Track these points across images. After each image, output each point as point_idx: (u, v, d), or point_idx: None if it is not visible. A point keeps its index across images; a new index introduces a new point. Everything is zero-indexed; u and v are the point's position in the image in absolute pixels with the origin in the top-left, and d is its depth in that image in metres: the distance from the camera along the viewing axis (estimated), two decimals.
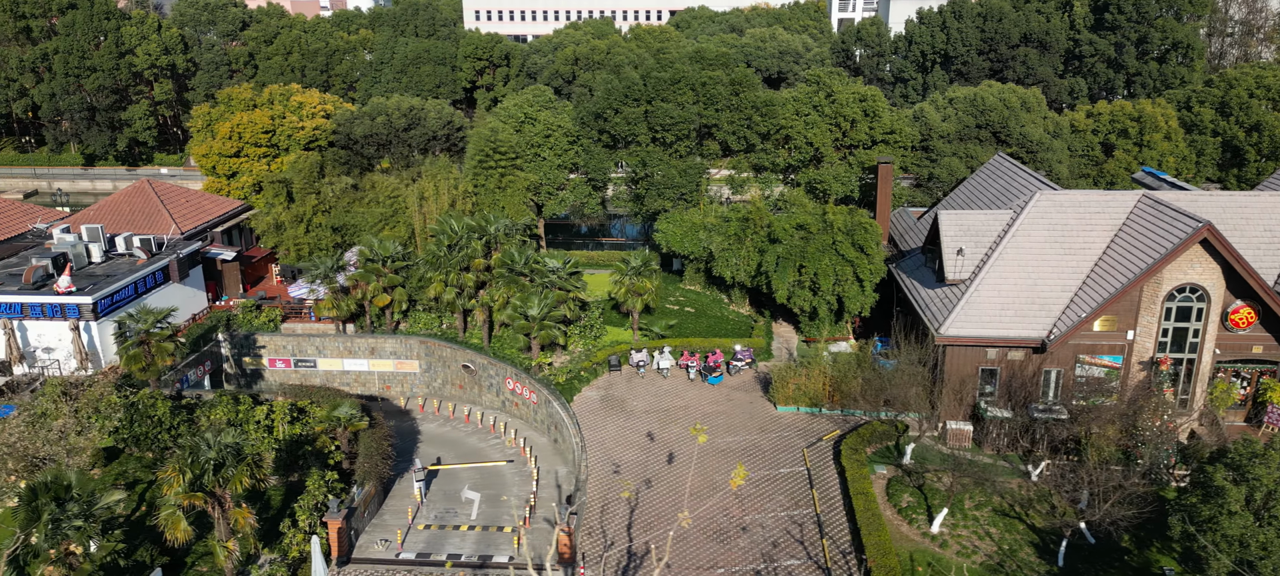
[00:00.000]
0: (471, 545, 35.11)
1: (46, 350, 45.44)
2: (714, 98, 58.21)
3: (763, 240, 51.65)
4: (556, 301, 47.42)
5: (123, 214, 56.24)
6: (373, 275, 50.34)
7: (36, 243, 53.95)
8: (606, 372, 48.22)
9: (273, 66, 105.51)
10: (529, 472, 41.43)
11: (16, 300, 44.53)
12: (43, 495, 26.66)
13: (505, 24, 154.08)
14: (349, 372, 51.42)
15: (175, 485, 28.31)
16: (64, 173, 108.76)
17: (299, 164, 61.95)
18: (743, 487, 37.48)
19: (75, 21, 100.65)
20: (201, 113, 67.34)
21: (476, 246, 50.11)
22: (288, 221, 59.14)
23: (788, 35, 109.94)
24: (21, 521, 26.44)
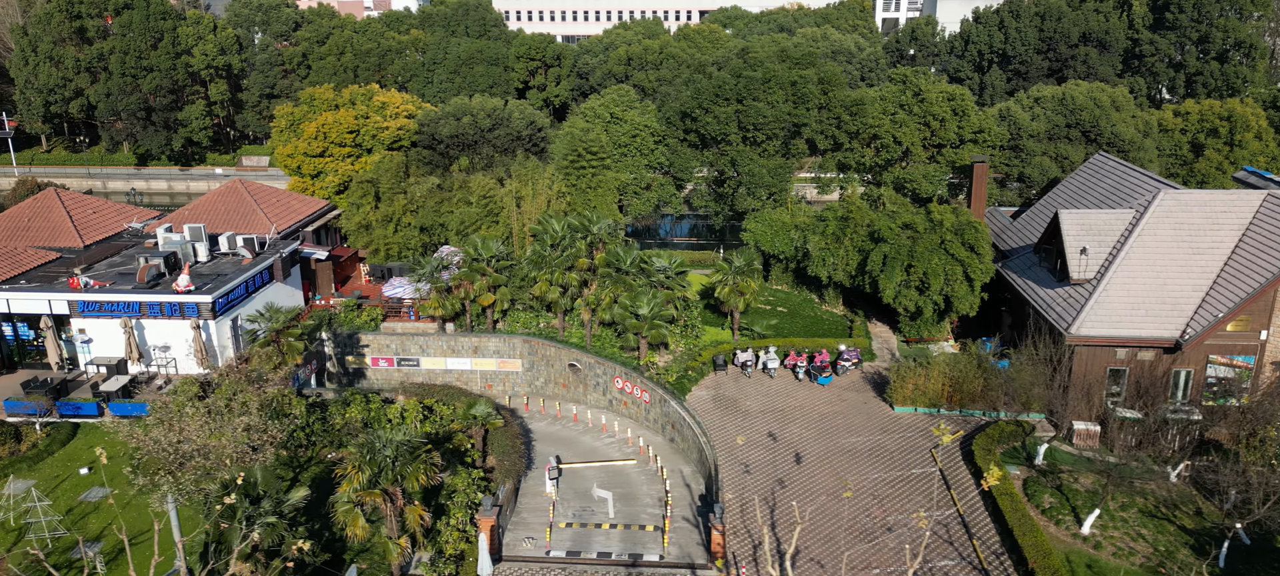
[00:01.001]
0: (618, 543, 35.09)
1: (163, 349, 45.64)
2: (805, 96, 58.13)
3: (864, 239, 51.52)
4: (665, 300, 47.41)
5: (218, 213, 56.44)
6: (477, 274, 50.41)
7: (135, 242, 54.23)
8: (711, 372, 48.17)
9: (326, 67, 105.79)
10: (654, 471, 41.39)
11: (135, 299, 44.72)
12: (236, 492, 26.74)
13: (532, 24, 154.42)
14: (451, 371, 51.48)
15: (354, 481, 28.37)
16: (118, 172, 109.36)
17: (385, 164, 62.12)
18: (879, 488, 37.44)
19: (132, 21, 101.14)
20: (284, 112, 67.56)
21: (581, 246, 50.16)
22: (375, 221, 59.31)
23: (839, 34, 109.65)
24: (217, 517, 26.51)
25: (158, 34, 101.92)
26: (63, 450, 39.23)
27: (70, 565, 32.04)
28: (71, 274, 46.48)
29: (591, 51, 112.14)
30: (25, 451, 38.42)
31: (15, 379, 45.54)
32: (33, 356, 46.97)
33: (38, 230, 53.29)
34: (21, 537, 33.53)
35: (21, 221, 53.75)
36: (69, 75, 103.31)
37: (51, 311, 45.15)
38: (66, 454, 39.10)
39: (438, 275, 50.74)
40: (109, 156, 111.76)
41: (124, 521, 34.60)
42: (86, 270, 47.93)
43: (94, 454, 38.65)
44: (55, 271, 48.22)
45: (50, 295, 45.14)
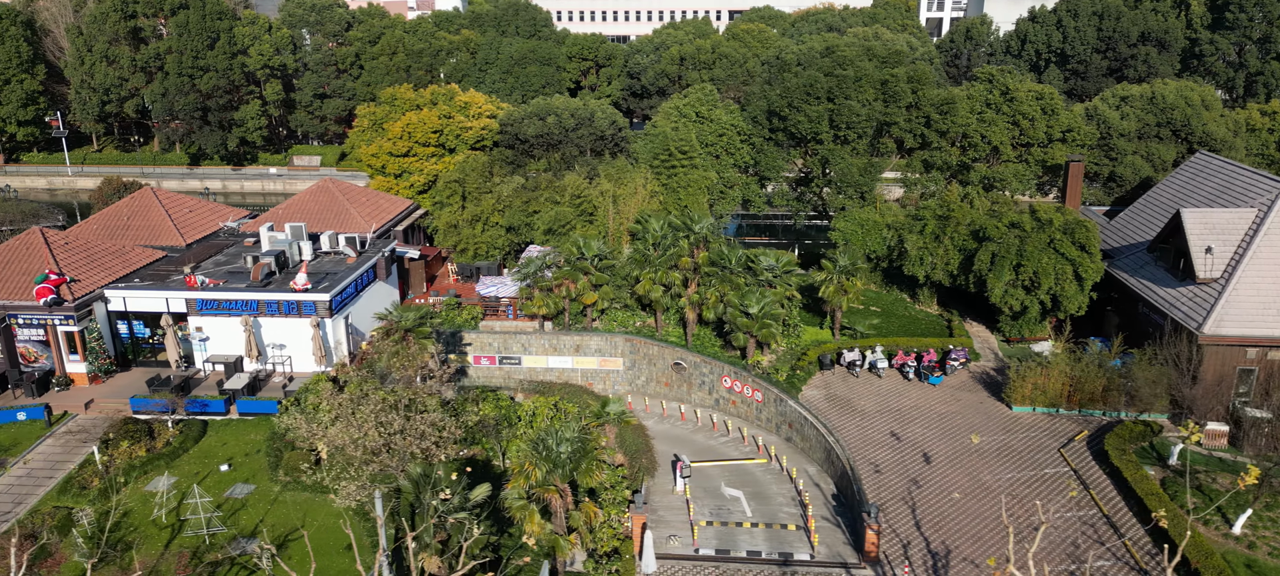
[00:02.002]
0: (765, 542, 35.08)
1: (278, 347, 45.85)
2: (896, 95, 58.02)
3: (966, 238, 51.39)
4: (776, 299, 47.39)
5: (311, 212, 56.64)
6: (580, 272, 50.47)
7: (233, 241, 54.50)
8: (818, 372, 48.14)
9: (379, 67, 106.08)
10: (778, 470, 41.36)
11: (253, 297, 44.95)
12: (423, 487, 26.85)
13: (576, 24, 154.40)
14: (552, 369, 51.55)
15: (532, 477, 28.43)
16: (171, 172, 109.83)
17: (470, 164, 62.30)
18: (1016, 488, 37.36)
19: (188, 21, 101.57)
20: (366, 112, 67.74)
21: (684, 245, 50.17)
22: (462, 221, 59.46)
23: (890, 34, 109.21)
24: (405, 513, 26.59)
25: (214, 34, 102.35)
26: (197, 447, 39.45)
27: (232, 562, 32.21)
28: (187, 272, 46.76)
29: (642, 51, 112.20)
30: (161, 448, 38.65)
31: (129, 377, 45.83)
32: (145, 354, 47.25)
33: (138, 229, 53.60)
34: (176, 534, 33.71)
35: (121, 220, 54.08)
36: (125, 74, 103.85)
37: (169, 309, 45.40)
38: (201, 450, 39.32)
39: (541, 274, 50.82)
40: (161, 156, 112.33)
41: (273, 519, 34.87)
42: (194, 269, 48.21)
43: (229, 451, 39.06)
44: (164, 270, 48.51)
45: (167, 293, 45.41)
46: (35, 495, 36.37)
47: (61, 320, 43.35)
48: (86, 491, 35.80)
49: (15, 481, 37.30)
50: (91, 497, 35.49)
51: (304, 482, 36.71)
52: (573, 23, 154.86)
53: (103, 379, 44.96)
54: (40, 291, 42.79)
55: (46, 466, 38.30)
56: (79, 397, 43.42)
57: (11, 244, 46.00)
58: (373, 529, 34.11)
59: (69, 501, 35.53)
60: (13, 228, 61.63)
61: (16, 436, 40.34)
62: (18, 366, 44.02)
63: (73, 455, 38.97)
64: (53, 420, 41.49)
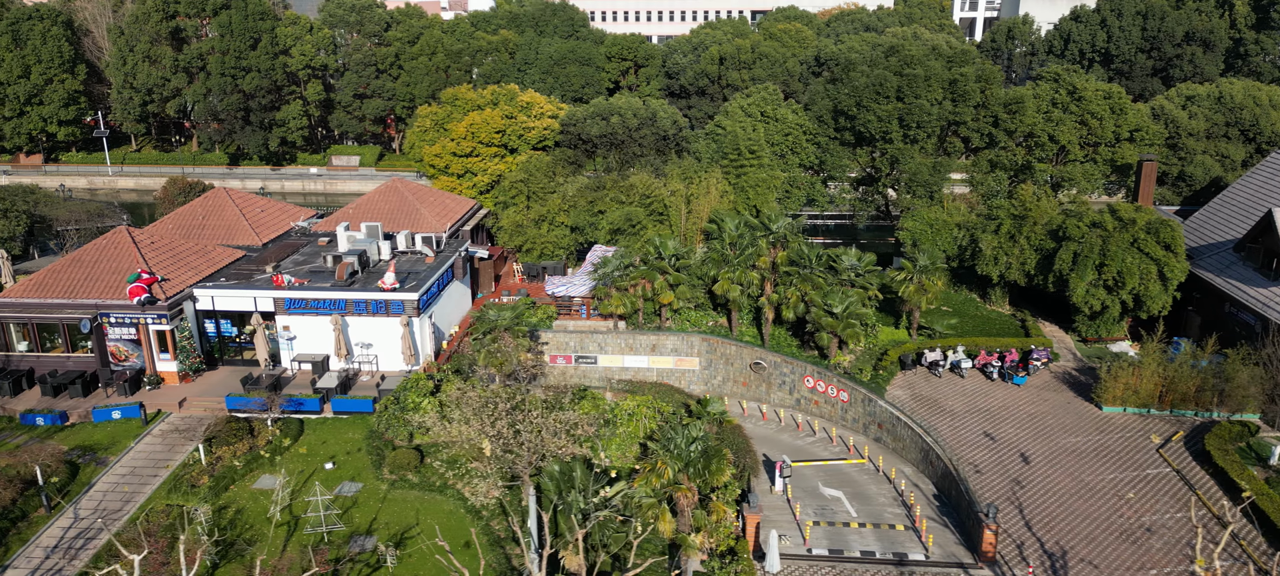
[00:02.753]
0: (876, 542, 35.06)
1: (365, 346, 45.98)
2: (965, 94, 57.96)
3: (1043, 238, 51.29)
4: (859, 299, 47.37)
5: (382, 212, 56.79)
6: (657, 272, 50.52)
7: (306, 240, 54.67)
8: (899, 371, 48.09)
9: (418, 67, 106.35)
10: (872, 470, 41.34)
11: (342, 297, 45.08)
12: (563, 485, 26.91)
13: (608, 24, 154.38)
14: (628, 368, 51.61)
15: (664, 476, 28.48)
16: (211, 172, 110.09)
17: (534, 163, 62.41)
18: (1119, 488, 37.28)
19: (231, 22, 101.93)
20: (428, 112, 67.90)
21: (763, 244, 50.19)
22: (527, 221, 59.56)
23: (929, 34, 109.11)
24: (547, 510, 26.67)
25: (256, 34, 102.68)
26: (296, 445, 39.57)
27: (352, 560, 32.31)
28: (273, 272, 46.93)
29: (679, 51, 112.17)
30: (262, 447, 38.79)
31: (217, 375, 46.01)
32: (230, 353, 47.44)
33: (213, 228, 53.82)
34: (292, 532, 33.82)
35: (196, 219, 54.31)
36: (167, 75, 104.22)
37: (257, 309, 45.58)
38: (301, 448, 39.41)
39: (619, 273, 50.86)
40: (201, 156, 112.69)
41: (385, 517, 34.95)
42: (276, 268, 48.36)
43: (330, 449, 39.19)
44: (246, 269, 48.69)
45: (255, 292, 45.59)
46: (143, 493, 36.53)
47: (154, 319, 43.54)
48: (196, 489, 35.95)
49: (121, 479, 37.48)
50: (202, 495, 35.65)
51: (410, 481, 36.80)
52: (615, 23, 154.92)
53: (192, 377, 45.16)
54: (133, 290, 42.99)
55: (150, 464, 38.47)
56: (170, 396, 43.60)
57: (99, 243, 46.23)
58: (488, 526, 34.20)
59: (179, 499, 35.68)
60: (78, 227, 61.94)
61: (114, 434, 40.50)
62: (109, 365, 44.22)
63: (174, 453, 39.13)
64: (149, 418, 41.64)
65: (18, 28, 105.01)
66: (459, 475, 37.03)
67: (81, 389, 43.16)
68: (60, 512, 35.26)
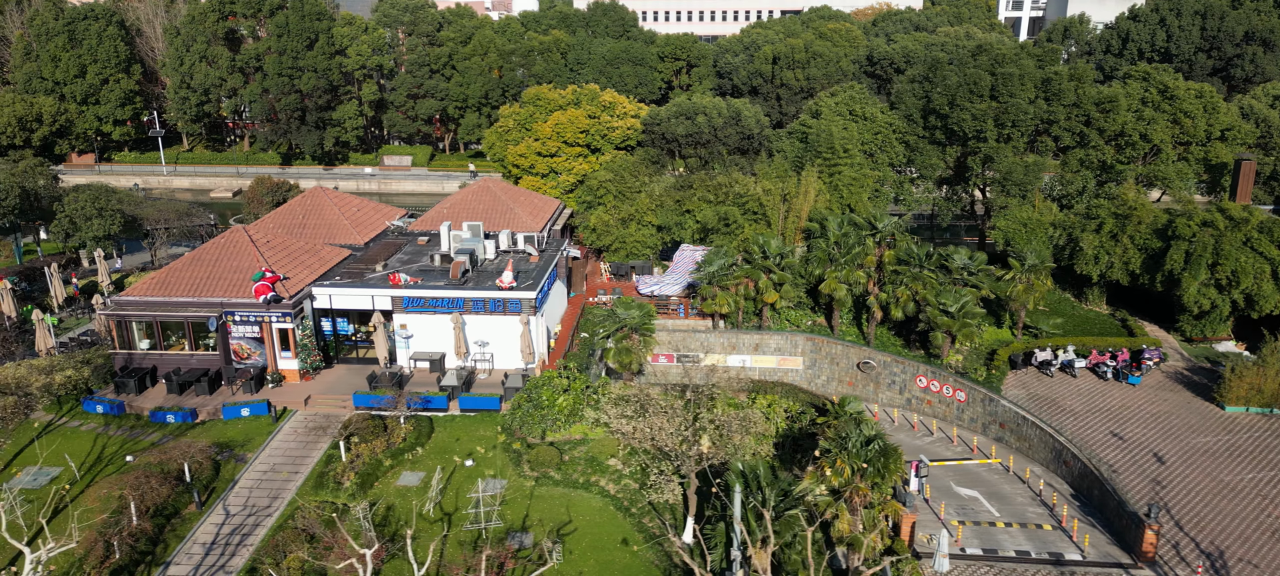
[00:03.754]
0: (1028, 542, 34.99)
1: (481, 344, 46.09)
2: (1059, 93, 57.82)
3: (1148, 237, 51.14)
4: (973, 298, 47.31)
5: (476, 211, 56.88)
6: (761, 272, 50.55)
7: (406, 239, 54.83)
8: (1009, 371, 48.00)
9: (472, 67, 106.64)
10: (1001, 470, 41.27)
11: (460, 295, 45.21)
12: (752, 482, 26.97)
13: (655, 24, 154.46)
14: (731, 367, 51.59)
15: (843, 475, 28.51)
16: (266, 171, 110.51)
17: (617, 163, 62.47)
18: (1263, 488, 37.16)
19: (288, 22, 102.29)
20: (510, 112, 68.01)
21: (870, 243, 50.18)
22: (613, 221, 59.63)
23: (981, 33, 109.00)
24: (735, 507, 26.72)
25: (313, 35, 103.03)
26: (430, 442, 39.71)
27: (514, 556, 32.39)
28: (391, 271, 47.11)
29: (731, 50, 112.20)
30: (399, 444, 38.93)
31: (335, 373, 46.16)
32: (346, 351, 47.63)
33: (314, 227, 54.03)
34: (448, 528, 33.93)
35: (296, 219, 54.52)
36: (223, 75, 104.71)
37: (375, 307, 45.74)
38: (435, 446, 39.56)
39: (723, 273, 50.89)
40: (253, 155, 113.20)
41: (538, 513, 35.03)
42: (385, 265, 48.53)
43: (464, 446, 39.33)
44: (356, 268, 48.85)
45: (373, 291, 45.76)
46: (288, 489, 36.71)
47: (278, 317, 43.73)
48: (343, 486, 36.11)
49: (262, 476, 37.66)
50: (351, 492, 35.80)
51: (552, 478, 36.90)
52: (660, 23, 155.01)
53: (312, 375, 45.34)
54: (259, 289, 43.19)
55: (288, 461, 38.65)
56: (291, 394, 43.77)
57: (217, 242, 46.45)
58: (640, 523, 34.29)
59: (327, 496, 35.82)
60: (168, 227, 62.20)
61: (247, 431, 40.71)
62: (231, 363, 44.44)
63: (309, 450, 39.31)
64: (278, 416, 41.84)
65: (73, 27, 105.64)
66: (600, 472, 37.18)
67: (207, 386, 43.36)
68: (210, 509, 35.47)
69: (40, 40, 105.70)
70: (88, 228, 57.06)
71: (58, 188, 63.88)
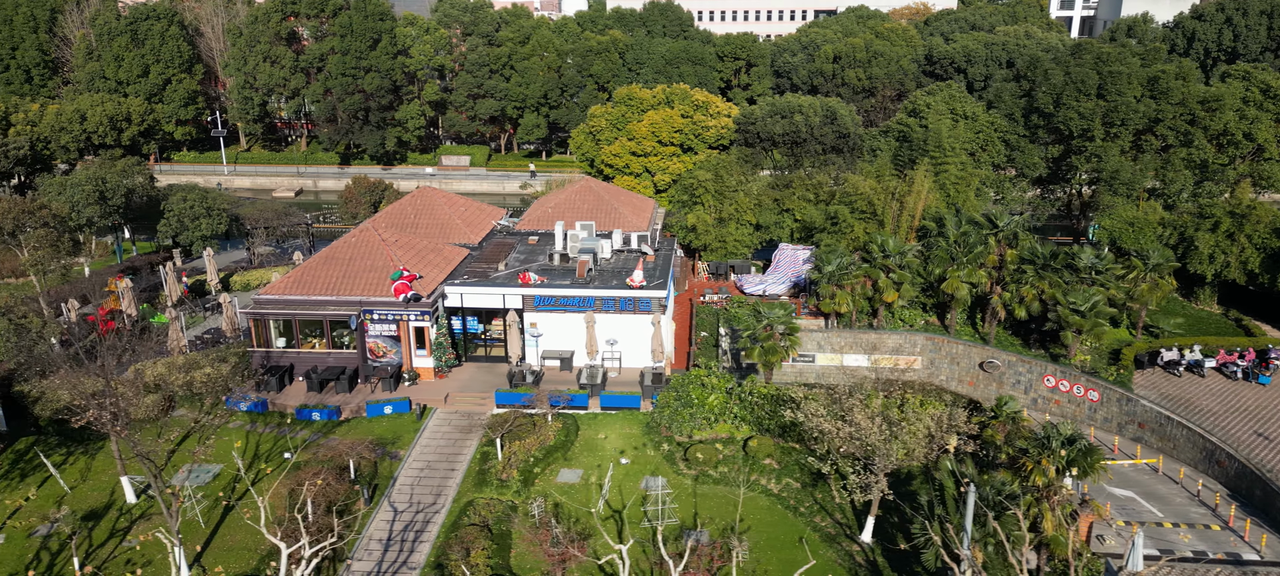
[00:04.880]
0: (1201, 542, 34.87)
1: (610, 343, 46.18)
2: (1166, 91, 57.61)
3: (1266, 235, 50.88)
4: (1104, 297, 47.14)
5: (580, 210, 56.96)
6: (880, 271, 50.48)
7: (517, 239, 54.96)
8: (1135, 371, 47.82)
9: (532, 67, 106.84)
10: (1149, 470, 41.12)
11: (591, 294, 45.30)
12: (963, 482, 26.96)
13: (710, 24, 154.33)
14: (847, 367, 51.56)
15: (1048, 474, 28.48)
16: (325, 171, 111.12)
17: (712, 162, 62.49)
18: None
19: (351, 22, 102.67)
20: (602, 112, 68.15)
21: (992, 243, 50.05)
22: (710, 221, 59.63)
23: (1041, 32, 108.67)
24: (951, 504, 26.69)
25: (376, 35, 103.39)
26: (579, 440, 39.81)
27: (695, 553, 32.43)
28: (510, 270, 47.28)
29: (788, 50, 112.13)
30: (551, 441, 39.03)
31: (467, 371, 46.32)
32: (473, 349, 47.78)
33: (427, 227, 54.20)
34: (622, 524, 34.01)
35: (408, 218, 54.71)
36: (286, 75, 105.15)
37: (505, 306, 45.89)
38: (584, 443, 39.65)
39: (843, 272, 50.82)
40: (312, 155, 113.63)
41: (707, 511, 35.07)
42: (506, 266, 48.66)
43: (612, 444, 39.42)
44: (478, 267, 49.00)
45: (504, 290, 45.90)
46: (448, 486, 36.83)
47: (416, 316, 43.92)
48: (507, 483, 36.21)
49: (420, 473, 37.80)
50: (515, 489, 35.92)
51: (711, 477, 36.96)
52: (713, 23, 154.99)
53: (445, 373, 45.52)
54: (398, 288, 43.39)
55: (441, 458, 38.79)
56: (427, 392, 43.94)
57: (350, 241, 46.66)
58: (813, 522, 34.30)
59: (489, 493, 35.93)
60: (268, 227, 62.48)
61: (393, 429, 40.86)
62: (367, 361, 44.65)
63: (460, 448, 39.43)
64: (421, 414, 42.00)
65: (136, 27, 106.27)
66: (758, 471, 37.24)
67: (346, 384, 43.57)
68: (377, 505, 35.64)
69: (102, 40, 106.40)
70: (195, 227, 57.39)
71: (154, 187, 64.24)
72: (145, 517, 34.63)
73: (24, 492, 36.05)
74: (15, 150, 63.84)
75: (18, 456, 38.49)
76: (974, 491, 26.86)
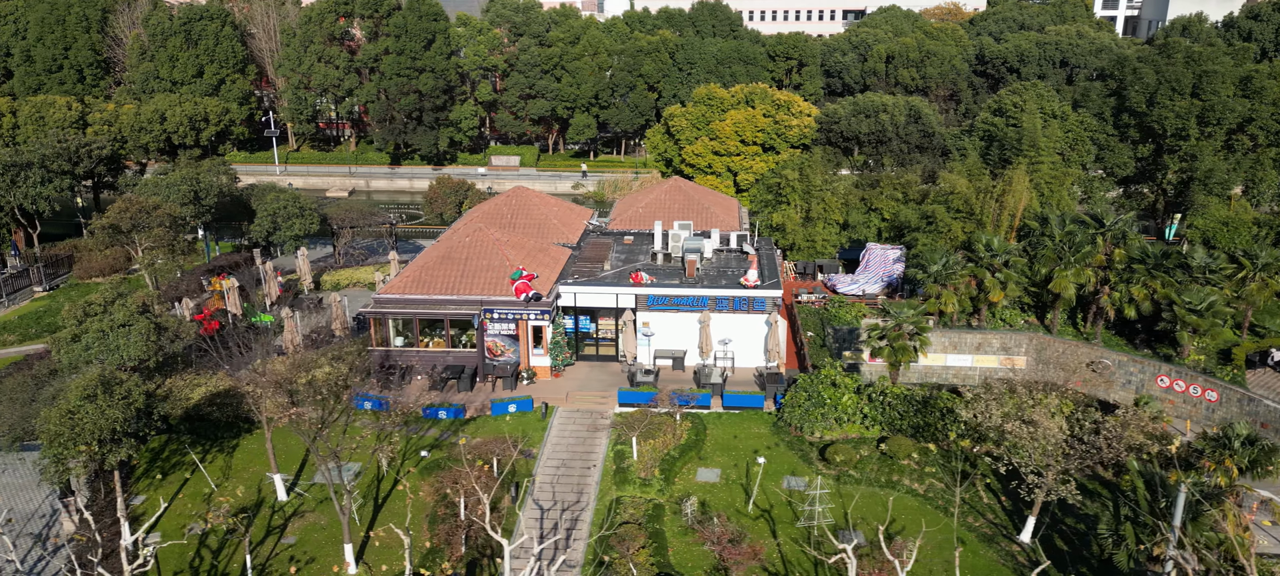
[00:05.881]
0: None
1: (722, 342, 46.17)
2: (1260, 90, 57.39)
3: None
4: (1221, 297, 46.96)
5: (671, 210, 56.94)
6: (986, 270, 50.36)
7: (613, 240, 54.96)
8: (1246, 370, 47.62)
9: (583, 67, 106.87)
10: None
11: (705, 293, 45.31)
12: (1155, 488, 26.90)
13: (754, 24, 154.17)
14: (950, 367, 51.36)
15: (1232, 475, 28.37)
16: (377, 172, 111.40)
17: (797, 161, 62.44)
18: None
19: (406, 22, 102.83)
20: (681, 112, 68.14)
21: (1100, 242, 49.91)
22: (795, 220, 59.59)
23: (1093, 32, 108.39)
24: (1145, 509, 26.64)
25: (430, 35, 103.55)
26: (709, 439, 39.77)
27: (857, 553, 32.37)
28: (616, 269, 47.33)
29: (838, 50, 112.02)
30: (684, 440, 39.02)
31: (580, 371, 46.35)
32: (581, 348, 47.80)
33: (524, 226, 54.23)
34: (773, 523, 33.99)
35: (505, 218, 54.73)
36: (340, 75, 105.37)
37: (618, 305, 45.93)
38: (716, 443, 39.62)
39: (948, 271, 50.72)
40: (362, 155, 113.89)
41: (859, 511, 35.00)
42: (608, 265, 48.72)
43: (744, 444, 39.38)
44: (584, 267, 49.02)
45: (617, 289, 45.94)
46: (587, 484, 36.86)
47: (536, 315, 43.97)
48: (649, 482, 36.21)
49: (556, 472, 37.82)
50: (657, 487, 35.92)
51: (852, 476, 36.91)
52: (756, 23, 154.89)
53: (560, 372, 45.57)
54: (519, 287, 43.47)
55: (575, 457, 38.81)
56: (544, 390, 43.99)
57: (464, 242, 46.71)
58: (966, 523, 34.22)
59: (632, 491, 35.93)
60: (355, 227, 62.63)
61: (518, 428, 40.85)
62: (485, 360, 44.71)
63: (591, 446, 39.43)
64: (546, 412, 42.05)
65: (190, 27, 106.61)
66: (897, 470, 37.20)
67: (468, 383, 43.64)
68: (522, 503, 35.69)
69: (155, 40, 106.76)
70: (288, 227, 57.57)
71: (236, 187, 64.47)
72: (299, 515, 34.77)
73: (167, 491, 36.20)
74: (98, 150, 64.07)
75: (154, 455, 38.65)
76: (1183, 491, 26.79)
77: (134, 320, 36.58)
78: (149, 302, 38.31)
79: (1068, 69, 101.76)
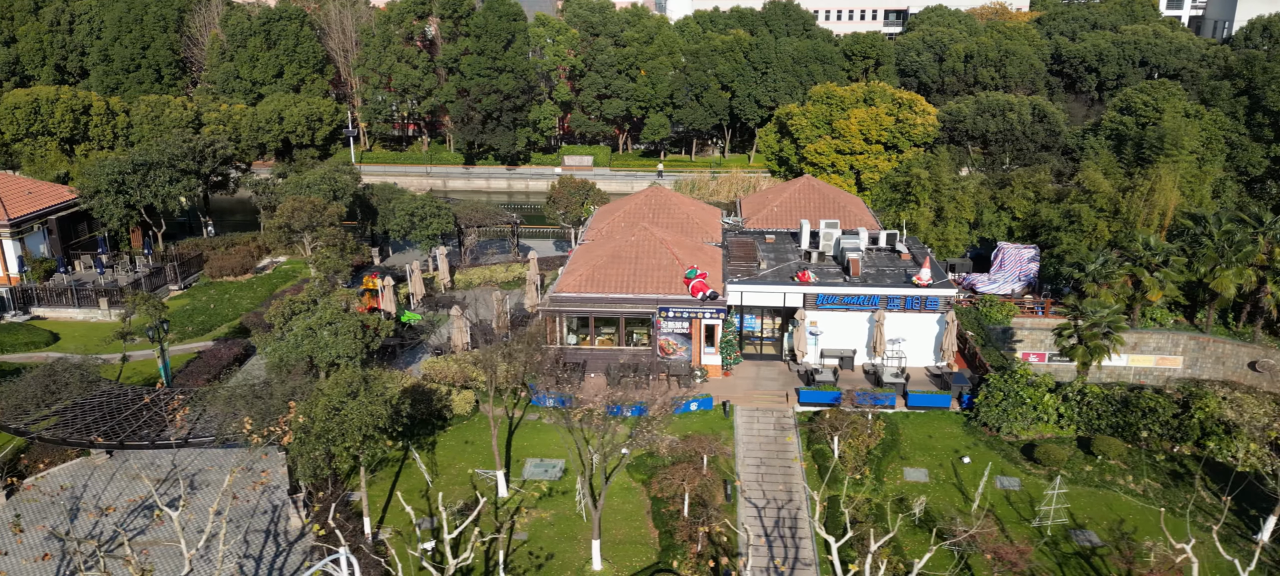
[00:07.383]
0: None
1: (893, 341, 46.06)
2: None
3: None
4: None
5: (808, 209, 56.74)
6: (1144, 270, 50.09)
7: (756, 238, 54.84)
8: None
9: (659, 66, 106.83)
10: None
11: (876, 292, 45.17)
12: None
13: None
14: (1105, 368, 51.02)
15: None
16: (454, 171, 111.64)
17: (924, 160, 62.30)
18: None
19: (486, 22, 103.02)
20: (799, 111, 68.12)
21: (1261, 242, 49.56)
22: (924, 220, 59.40)
23: (1169, 32, 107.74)
24: None
25: (510, 35, 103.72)
26: (904, 438, 39.66)
27: (1095, 554, 32.24)
28: (801, 268, 47.27)
29: (913, 49, 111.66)
30: (882, 439, 38.94)
31: (745, 369, 46.30)
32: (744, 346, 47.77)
33: (667, 225, 54.11)
34: (1001, 524, 33.87)
35: (645, 215, 54.67)
36: (419, 76, 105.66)
37: (786, 304, 45.90)
38: (912, 442, 39.52)
39: (1106, 271, 50.46)
40: (437, 155, 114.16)
41: (1083, 512, 34.81)
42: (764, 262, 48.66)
43: (940, 444, 39.23)
44: (738, 266, 48.96)
45: (784, 288, 45.88)
46: (796, 482, 36.81)
47: (710, 314, 43.96)
48: (862, 481, 36.15)
49: (758, 471, 37.79)
50: (869, 487, 35.87)
51: (1065, 476, 36.75)
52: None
53: (730, 371, 45.55)
54: (695, 287, 43.47)
55: (771, 455, 38.78)
56: (717, 389, 43.94)
57: (632, 242, 46.70)
58: (1193, 520, 34.03)
59: (845, 491, 35.86)
60: (480, 227, 62.74)
61: (703, 426, 40.79)
62: (657, 358, 44.72)
63: (782, 445, 39.37)
64: (728, 410, 42.03)
65: (269, 28, 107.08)
66: (1108, 471, 37.03)
67: (645, 380, 43.61)
68: (737, 503, 35.66)
69: (234, 40, 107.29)
70: (423, 226, 57.73)
71: (358, 186, 64.70)
72: (519, 511, 34.84)
73: (381, 487, 36.33)
74: (221, 150, 64.42)
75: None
76: None
77: (340, 319, 36.72)
78: (349, 302, 38.46)
79: (1147, 68, 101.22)
